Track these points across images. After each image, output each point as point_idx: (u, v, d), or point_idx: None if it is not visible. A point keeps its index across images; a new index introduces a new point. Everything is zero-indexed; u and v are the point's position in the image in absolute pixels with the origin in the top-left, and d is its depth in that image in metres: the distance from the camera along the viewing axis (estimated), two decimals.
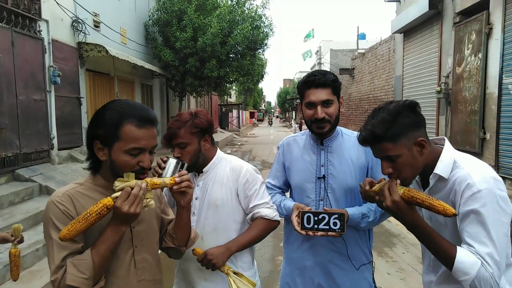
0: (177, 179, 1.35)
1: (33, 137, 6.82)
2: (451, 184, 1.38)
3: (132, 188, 1.22)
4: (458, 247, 1.31)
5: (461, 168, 1.37)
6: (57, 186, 6.07)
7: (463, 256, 1.27)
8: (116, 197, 1.21)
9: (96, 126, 1.30)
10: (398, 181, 1.36)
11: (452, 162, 1.40)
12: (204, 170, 1.87)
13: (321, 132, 1.85)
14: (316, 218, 1.69)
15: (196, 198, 1.85)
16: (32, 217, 5.04)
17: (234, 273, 1.72)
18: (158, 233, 1.52)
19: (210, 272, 1.78)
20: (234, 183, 1.84)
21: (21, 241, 2.23)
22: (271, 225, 1.85)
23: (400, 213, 1.34)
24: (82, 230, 1.17)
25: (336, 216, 1.67)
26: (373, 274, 1.98)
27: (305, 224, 1.71)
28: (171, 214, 1.61)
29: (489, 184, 1.31)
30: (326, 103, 1.81)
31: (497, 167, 6.55)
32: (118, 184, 1.23)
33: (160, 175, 1.53)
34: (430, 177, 1.43)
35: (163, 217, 1.56)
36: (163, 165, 1.60)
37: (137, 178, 1.28)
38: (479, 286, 1.26)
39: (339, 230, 1.67)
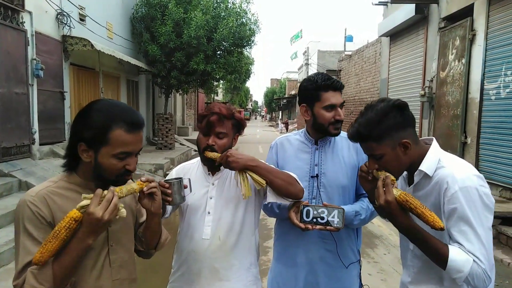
0: (143, 179, 1.33)
1: (13, 131, 6.65)
2: (434, 182, 1.41)
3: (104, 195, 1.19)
4: (450, 246, 1.34)
5: (444, 166, 1.41)
6: (37, 182, 5.93)
7: (456, 255, 1.31)
8: (83, 207, 1.17)
9: (82, 128, 1.26)
10: (396, 183, 1.38)
11: (437, 160, 1.43)
12: (221, 168, 1.79)
13: (337, 133, 1.92)
14: (315, 212, 1.72)
15: (211, 198, 1.76)
16: (11, 213, 4.91)
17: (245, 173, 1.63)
18: (133, 232, 1.50)
19: (226, 272, 1.72)
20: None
21: None
22: (298, 185, 1.71)
23: (392, 214, 1.35)
24: (55, 250, 1.14)
25: (336, 211, 1.71)
26: (360, 272, 2.01)
27: (304, 218, 1.72)
28: (145, 217, 1.57)
29: (472, 181, 1.34)
30: (341, 106, 1.90)
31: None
32: (85, 196, 1.19)
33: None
34: (415, 173, 1.46)
35: (137, 218, 1.53)
36: (168, 191, 1.50)
37: (121, 180, 1.28)
38: (472, 282, 1.30)
39: (337, 225, 1.70)
